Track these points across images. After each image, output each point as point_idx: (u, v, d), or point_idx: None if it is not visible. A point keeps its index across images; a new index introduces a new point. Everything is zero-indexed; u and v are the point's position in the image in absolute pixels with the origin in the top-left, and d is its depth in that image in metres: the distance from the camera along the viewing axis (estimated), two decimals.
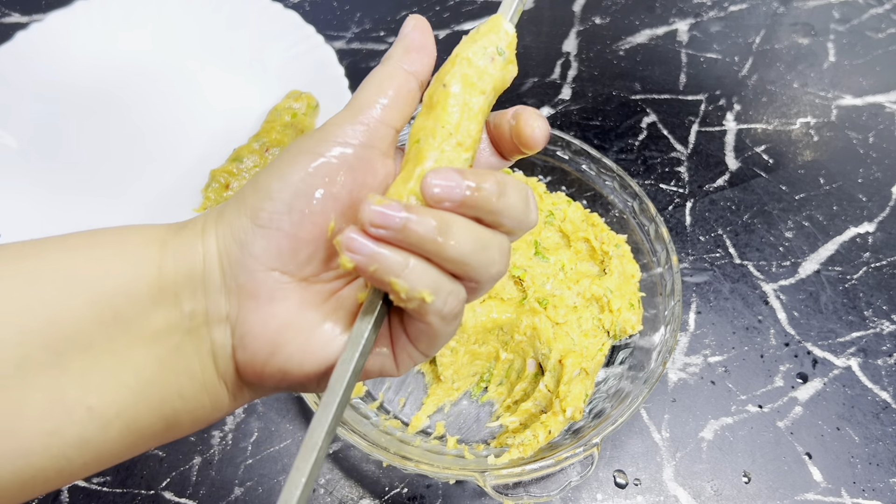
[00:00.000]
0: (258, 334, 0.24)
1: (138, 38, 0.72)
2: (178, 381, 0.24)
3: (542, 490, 0.42)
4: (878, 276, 0.59)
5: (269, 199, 0.24)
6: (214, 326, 0.25)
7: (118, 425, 0.23)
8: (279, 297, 0.24)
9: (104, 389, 0.22)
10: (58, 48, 0.69)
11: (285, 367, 0.25)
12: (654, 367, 0.46)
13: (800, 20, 0.79)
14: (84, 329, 0.22)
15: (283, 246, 0.24)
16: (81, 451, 0.22)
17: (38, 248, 0.23)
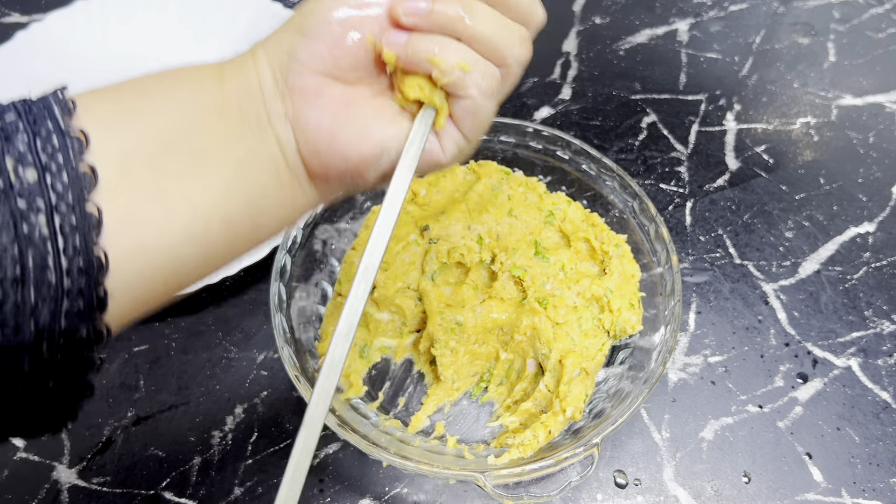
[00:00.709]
0: (316, 124, 0.28)
1: (138, 38, 0.72)
2: (258, 179, 0.28)
3: (543, 490, 0.42)
4: (879, 276, 0.59)
5: (314, 14, 0.28)
6: (276, 123, 0.28)
7: (217, 222, 0.26)
8: (328, 94, 0.28)
9: (199, 188, 0.26)
10: (57, 48, 0.69)
11: (345, 151, 0.28)
12: (654, 367, 0.46)
13: (800, 20, 0.79)
14: (170, 135, 0.25)
15: (326, 52, 0.28)
16: (191, 248, 0.25)
17: (115, 88, 0.26)
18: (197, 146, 0.26)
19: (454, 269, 0.52)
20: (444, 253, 0.51)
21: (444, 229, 0.53)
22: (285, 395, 0.51)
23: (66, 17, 0.70)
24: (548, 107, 0.70)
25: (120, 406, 0.50)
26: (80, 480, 0.47)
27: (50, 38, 0.69)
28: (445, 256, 0.51)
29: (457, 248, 0.51)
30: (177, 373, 0.52)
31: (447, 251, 0.51)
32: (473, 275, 0.51)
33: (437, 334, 0.49)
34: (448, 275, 0.52)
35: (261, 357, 0.53)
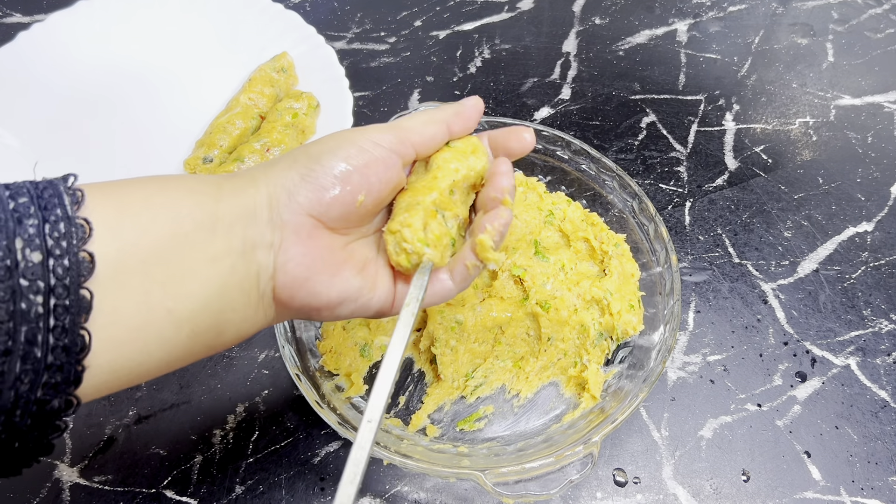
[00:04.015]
0: (298, 262, 0.31)
1: (140, 39, 0.72)
2: (232, 296, 0.30)
3: (542, 488, 0.42)
4: (877, 275, 0.59)
5: (320, 164, 0.31)
6: (260, 251, 0.30)
7: (187, 329, 0.28)
8: (314, 237, 0.31)
9: (179, 296, 0.27)
10: (59, 48, 0.70)
11: (315, 290, 0.32)
12: (653, 365, 0.46)
13: (799, 20, 0.80)
14: (164, 245, 0.27)
15: (323, 199, 0.31)
16: (159, 348, 0.27)
17: (116, 185, 0.28)
18: (186, 259, 0.27)
19: None
20: None
21: None
22: (286, 393, 0.51)
23: (68, 17, 0.71)
24: (548, 107, 0.70)
25: (121, 405, 0.51)
26: (81, 479, 0.47)
27: (52, 38, 0.70)
28: None
29: None
30: (178, 371, 0.52)
31: None
32: None
33: (437, 333, 0.49)
34: None
35: (262, 356, 0.53)
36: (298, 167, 0.31)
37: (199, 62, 0.71)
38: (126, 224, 0.26)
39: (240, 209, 0.30)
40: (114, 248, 0.25)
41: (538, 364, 0.51)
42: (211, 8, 0.73)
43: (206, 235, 0.28)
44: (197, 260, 0.28)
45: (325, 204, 0.31)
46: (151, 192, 0.28)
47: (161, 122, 0.67)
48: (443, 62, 0.74)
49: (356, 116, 0.67)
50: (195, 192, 0.29)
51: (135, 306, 0.26)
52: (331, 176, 0.31)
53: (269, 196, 0.31)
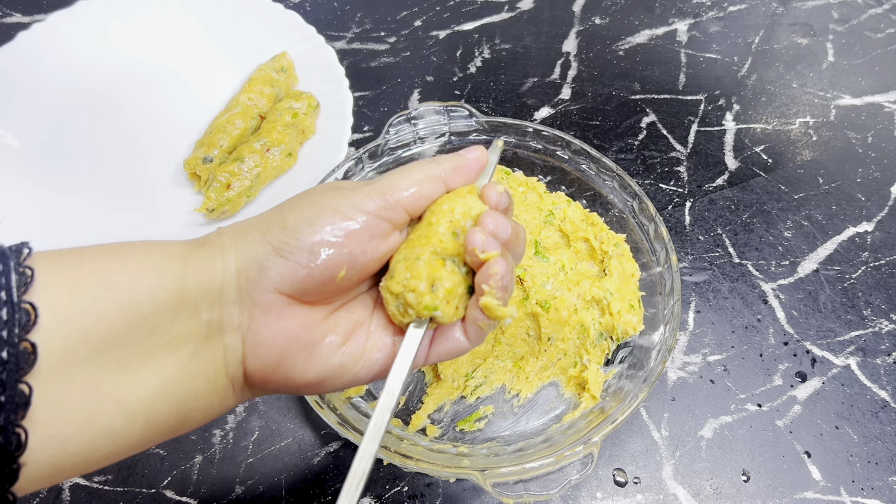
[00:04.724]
0: (269, 346, 0.28)
1: (139, 39, 0.72)
2: (194, 383, 0.27)
3: (542, 488, 0.42)
4: (877, 275, 0.59)
5: (295, 238, 0.28)
6: (227, 334, 0.28)
7: (141, 420, 0.25)
8: (287, 315, 0.28)
9: (132, 386, 0.25)
10: (59, 48, 0.70)
11: (290, 374, 0.29)
12: (653, 365, 0.46)
13: (799, 20, 0.80)
14: (118, 331, 0.24)
15: (297, 276, 0.28)
16: (107, 441, 0.25)
17: (75, 258, 0.25)
18: (142, 345, 0.25)
19: None
20: None
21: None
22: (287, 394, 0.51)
23: (68, 17, 0.71)
24: (548, 107, 0.70)
25: None
26: (81, 479, 0.47)
27: (52, 38, 0.70)
28: None
29: None
30: None
31: None
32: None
33: None
34: None
35: None
36: (272, 238, 0.28)
37: (199, 62, 0.71)
38: (78, 308, 0.24)
39: (206, 287, 0.27)
40: (61, 337, 0.23)
41: (538, 364, 0.51)
42: (211, 8, 0.73)
43: (168, 318, 0.26)
44: (156, 345, 0.26)
45: (300, 281, 0.28)
46: (111, 268, 0.25)
47: (161, 121, 0.67)
48: (443, 62, 0.74)
49: (356, 116, 0.67)
50: (159, 268, 0.26)
51: (81, 398, 0.23)
52: (306, 251, 0.28)
53: (238, 271, 0.28)
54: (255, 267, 0.28)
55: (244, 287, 0.28)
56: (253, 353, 0.28)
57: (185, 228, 0.60)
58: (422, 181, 0.31)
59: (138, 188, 0.63)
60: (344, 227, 0.28)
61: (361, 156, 0.54)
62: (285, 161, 0.62)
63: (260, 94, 0.65)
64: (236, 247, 0.28)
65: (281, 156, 0.61)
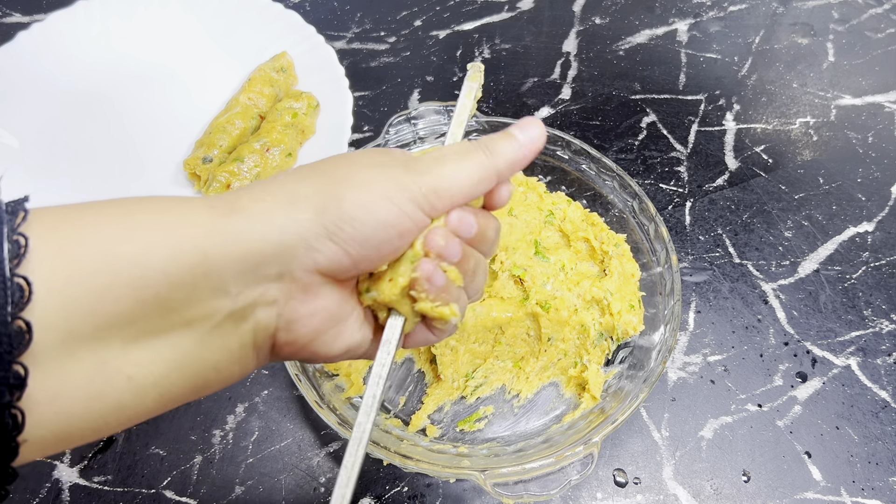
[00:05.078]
0: (306, 322, 0.28)
1: (139, 38, 0.72)
2: (214, 357, 0.26)
3: (542, 489, 0.42)
4: (878, 275, 0.59)
5: (352, 226, 0.26)
6: (261, 309, 0.26)
7: (153, 393, 0.24)
8: (324, 294, 0.28)
9: (143, 362, 0.23)
10: (59, 48, 0.70)
11: (319, 349, 0.29)
12: (653, 366, 0.46)
13: (799, 20, 0.80)
14: (125, 310, 0.22)
15: (343, 263, 0.27)
16: (118, 414, 0.24)
17: (73, 223, 0.23)
18: (155, 323, 0.23)
19: None
20: None
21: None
22: (286, 394, 0.51)
23: (68, 17, 0.71)
24: (548, 107, 0.70)
25: None
26: (81, 479, 0.47)
27: (51, 38, 0.70)
28: None
29: None
30: None
31: None
32: None
33: None
34: None
35: None
36: (325, 220, 0.26)
37: (199, 62, 0.71)
38: (80, 285, 0.22)
39: (238, 260, 0.25)
40: (61, 314, 0.21)
41: (538, 364, 0.51)
42: (210, 8, 0.73)
43: (185, 294, 0.24)
44: (170, 322, 0.24)
45: (345, 267, 0.27)
46: (116, 238, 0.23)
47: (161, 121, 0.67)
48: (443, 62, 0.74)
49: (356, 116, 0.67)
50: (172, 239, 0.23)
51: (86, 376, 0.22)
52: (359, 243, 0.26)
53: (282, 245, 0.25)
54: (302, 245, 0.26)
55: (286, 263, 0.26)
56: (287, 328, 0.27)
57: None
58: (481, 181, 0.29)
59: (138, 188, 0.63)
60: (399, 227, 0.27)
61: None
62: (285, 161, 0.62)
63: (260, 94, 0.65)
64: (284, 217, 0.26)
65: (281, 156, 0.61)
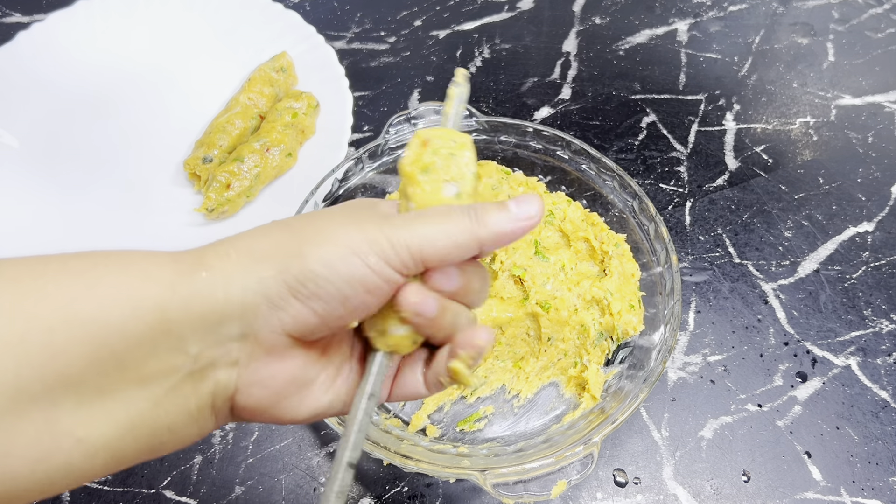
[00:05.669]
0: (266, 385, 0.26)
1: (139, 38, 0.72)
2: (170, 418, 0.25)
3: (542, 488, 0.42)
4: (878, 275, 0.59)
5: (314, 282, 0.25)
6: (221, 369, 0.25)
7: (103, 455, 0.23)
8: (289, 356, 0.26)
9: (94, 423, 0.23)
10: (59, 48, 0.70)
11: (283, 414, 0.27)
12: (653, 366, 0.46)
13: (799, 20, 0.80)
14: (79, 367, 0.22)
15: (310, 322, 0.25)
16: (65, 476, 0.23)
17: (36, 276, 0.22)
18: (109, 382, 0.22)
19: None
20: None
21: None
22: None
23: (67, 17, 0.71)
24: (548, 107, 0.70)
25: None
26: None
27: (51, 38, 0.70)
28: None
29: None
30: None
31: None
32: None
33: None
34: None
35: None
36: (287, 276, 0.25)
37: (199, 62, 0.71)
38: (33, 343, 0.21)
39: (198, 318, 0.24)
40: (11, 373, 0.21)
41: (538, 364, 0.51)
42: (210, 8, 0.73)
43: (143, 352, 0.23)
44: (125, 382, 0.23)
45: (311, 326, 0.26)
46: (76, 295, 0.22)
47: (160, 121, 0.67)
48: (443, 62, 0.74)
49: (356, 116, 0.67)
50: (134, 296, 0.23)
51: (34, 437, 0.21)
52: (326, 300, 0.25)
53: (245, 306, 0.24)
54: (265, 303, 0.25)
55: (249, 323, 0.25)
56: (247, 391, 0.26)
57: (185, 228, 0.60)
58: (460, 247, 0.27)
59: (138, 188, 0.63)
60: (366, 284, 0.25)
61: (361, 156, 0.53)
62: (285, 161, 0.62)
63: (259, 94, 0.65)
64: (245, 276, 0.25)
65: (280, 156, 0.61)
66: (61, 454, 0.22)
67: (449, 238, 0.26)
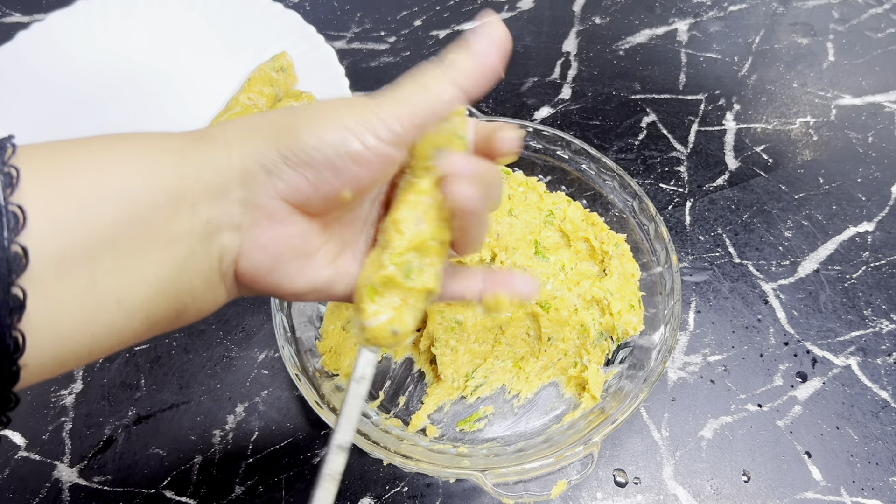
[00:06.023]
0: (265, 249, 0.28)
1: (139, 38, 0.72)
2: (191, 280, 0.27)
3: (542, 488, 0.42)
4: (878, 275, 0.59)
5: (304, 151, 0.27)
6: (226, 232, 0.27)
7: (140, 316, 0.26)
8: (288, 223, 0.28)
9: (130, 284, 0.25)
10: (58, 48, 0.70)
11: (280, 282, 0.29)
12: (653, 366, 0.46)
13: (799, 20, 0.80)
14: (112, 230, 0.24)
15: (302, 189, 0.27)
16: (109, 336, 0.25)
17: (63, 157, 0.24)
18: (139, 243, 0.25)
19: None
20: None
21: None
22: (286, 393, 0.51)
23: (67, 17, 0.71)
24: (548, 106, 0.70)
25: (121, 405, 0.50)
26: (81, 479, 0.47)
27: (51, 38, 0.70)
28: None
29: None
30: (178, 372, 0.52)
31: None
32: None
33: (437, 333, 0.49)
34: None
35: (262, 356, 0.53)
36: (280, 145, 0.27)
37: (199, 62, 0.71)
38: (70, 210, 0.23)
39: (206, 185, 0.26)
40: (54, 239, 0.23)
41: (538, 364, 0.51)
42: (210, 7, 0.73)
43: (164, 215, 0.25)
44: (152, 243, 0.25)
45: (305, 195, 0.27)
46: (102, 169, 0.25)
47: (160, 121, 0.67)
48: None
49: None
50: (154, 166, 0.26)
51: (79, 299, 0.24)
52: (313, 168, 0.27)
53: (244, 171, 0.27)
54: (261, 171, 0.27)
55: (249, 188, 0.27)
56: (248, 254, 0.28)
57: None
58: (440, 95, 0.28)
59: None
60: (353, 154, 0.27)
61: None
62: None
63: (259, 94, 0.65)
64: (242, 145, 0.27)
65: None
66: (105, 316, 0.24)
67: (428, 90, 0.28)
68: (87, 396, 0.51)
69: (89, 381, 0.51)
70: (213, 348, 0.53)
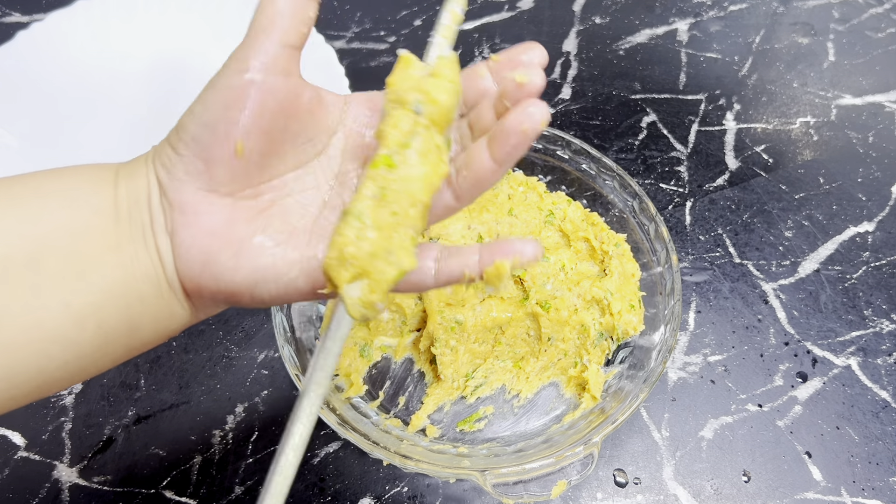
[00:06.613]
0: (190, 244, 0.28)
1: (139, 38, 0.72)
2: (138, 286, 0.27)
3: (542, 489, 0.42)
4: (878, 275, 0.59)
5: (184, 130, 0.28)
6: (159, 235, 0.28)
7: (91, 325, 0.26)
8: (205, 212, 0.28)
9: (76, 288, 0.25)
10: (58, 48, 0.69)
11: (218, 276, 0.28)
12: (653, 366, 0.46)
13: (799, 20, 0.79)
14: (56, 237, 0.25)
15: (198, 167, 0.27)
16: (61, 348, 0.25)
17: (10, 180, 0.26)
18: (83, 248, 0.26)
19: None
20: None
21: (444, 228, 0.53)
22: (286, 393, 0.51)
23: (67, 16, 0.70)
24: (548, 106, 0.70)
25: (120, 405, 0.50)
26: (80, 479, 0.47)
27: (51, 37, 0.69)
28: None
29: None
30: (177, 372, 0.52)
31: None
32: None
33: (437, 333, 0.49)
34: None
35: (261, 356, 0.53)
36: (170, 140, 0.28)
37: (199, 61, 0.71)
38: (10, 215, 0.24)
39: (134, 194, 0.28)
40: None
41: (538, 364, 0.51)
42: (211, 7, 0.73)
43: (106, 222, 0.27)
44: (97, 249, 0.26)
45: (202, 171, 0.27)
46: (44, 182, 0.26)
47: (161, 122, 0.67)
48: None
49: None
50: (91, 180, 0.27)
51: (24, 305, 0.24)
52: (193, 139, 0.27)
53: (156, 176, 0.28)
54: (164, 171, 0.28)
55: (165, 191, 0.28)
56: (179, 254, 0.28)
57: None
58: (275, 11, 0.27)
59: None
60: (219, 99, 0.27)
61: None
62: None
63: None
64: (153, 158, 0.29)
65: None
66: (51, 320, 0.25)
67: (262, 10, 0.28)
68: (86, 396, 0.51)
69: (89, 381, 0.51)
70: (213, 348, 0.53)
